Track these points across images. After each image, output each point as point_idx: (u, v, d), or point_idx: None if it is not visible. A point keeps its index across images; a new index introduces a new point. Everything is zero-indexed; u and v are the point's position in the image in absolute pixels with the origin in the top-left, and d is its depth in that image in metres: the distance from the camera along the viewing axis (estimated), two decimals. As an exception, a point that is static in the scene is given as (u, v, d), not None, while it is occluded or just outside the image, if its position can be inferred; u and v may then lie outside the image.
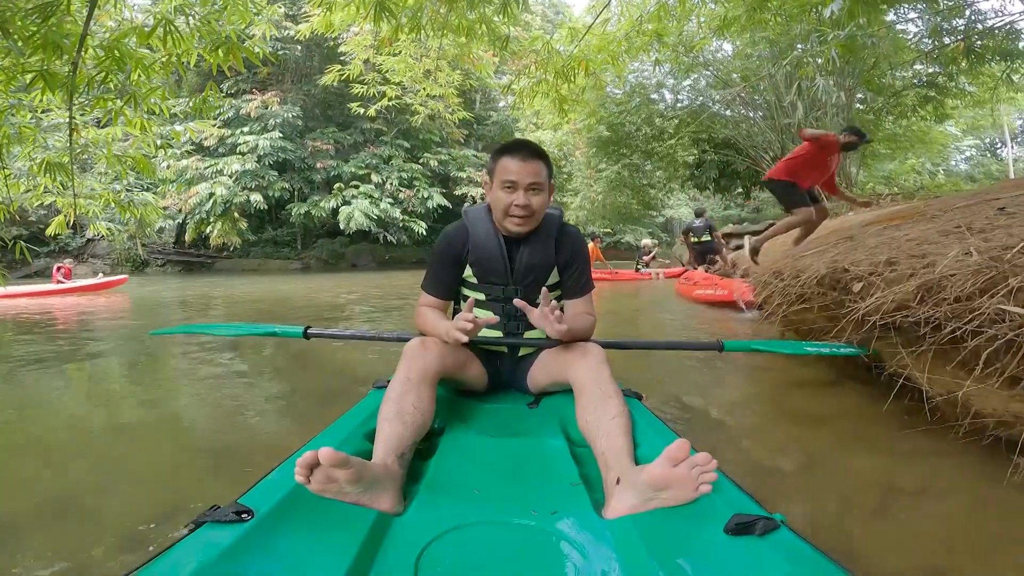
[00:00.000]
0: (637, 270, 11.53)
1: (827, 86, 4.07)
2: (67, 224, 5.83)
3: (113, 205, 5.55)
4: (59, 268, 9.85)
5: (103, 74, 3.89)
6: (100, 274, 11.42)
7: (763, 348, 1.94)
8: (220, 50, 3.67)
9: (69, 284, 9.40)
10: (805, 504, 1.28)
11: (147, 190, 18.79)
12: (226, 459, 1.63)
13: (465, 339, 1.22)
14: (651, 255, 11.96)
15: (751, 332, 3.68)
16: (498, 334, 1.48)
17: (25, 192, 5.42)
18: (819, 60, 4.47)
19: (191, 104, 4.13)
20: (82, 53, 3.76)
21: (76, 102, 4.44)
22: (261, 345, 3.53)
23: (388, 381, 1.21)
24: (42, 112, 5.02)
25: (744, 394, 2.35)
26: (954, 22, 8.29)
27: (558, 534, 0.83)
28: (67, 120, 4.68)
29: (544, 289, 1.25)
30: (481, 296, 1.48)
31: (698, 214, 8.55)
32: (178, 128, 4.85)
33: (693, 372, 2.61)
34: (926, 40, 8.60)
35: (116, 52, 3.82)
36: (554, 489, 0.97)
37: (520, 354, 1.53)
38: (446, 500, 0.94)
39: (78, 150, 4.89)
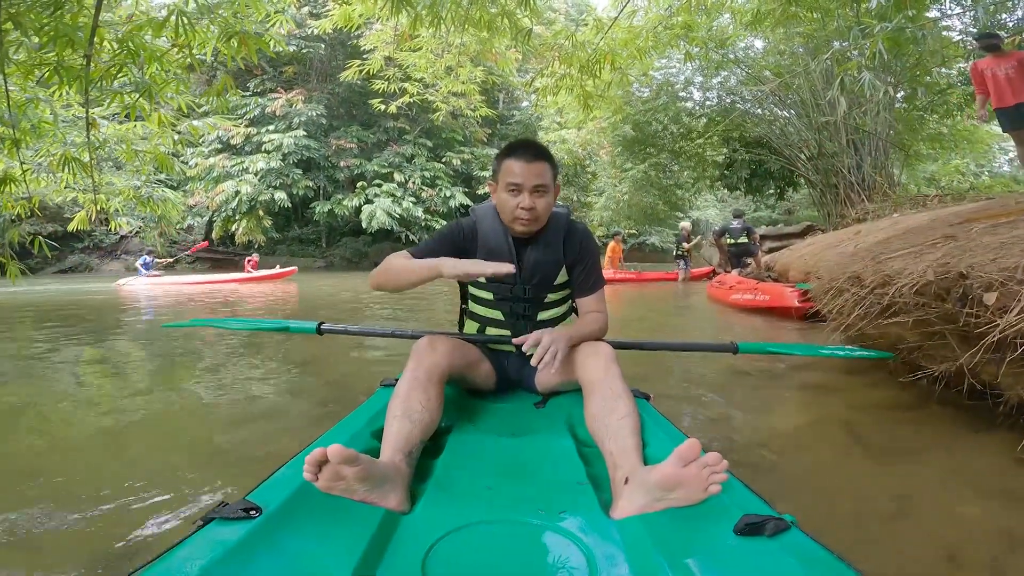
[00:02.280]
0: (678, 255, 10.85)
1: (874, 80, 3.77)
2: (89, 220, 5.85)
3: (134, 201, 5.55)
4: (249, 260, 12.45)
5: (117, 67, 3.82)
6: (277, 265, 13.36)
7: (779, 350, 1.84)
8: (233, 40, 3.56)
9: (255, 273, 11.75)
10: (903, 560, 1.04)
11: (175, 188, 19.16)
12: (236, 456, 1.62)
13: (488, 271, 1.19)
14: (692, 243, 11.13)
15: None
16: (506, 333, 1.48)
17: (44, 187, 5.44)
18: (859, 55, 4.19)
19: (205, 98, 4.03)
20: (94, 46, 3.70)
21: (92, 96, 4.39)
22: (275, 341, 3.52)
23: (396, 379, 1.21)
24: (62, 107, 5.00)
25: (806, 421, 2.00)
26: (1003, 18, 7.83)
27: (566, 533, 0.82)
28: (84, 115, 4.64)
29: (533, 336, 1.24)
30: (489, 296, 1.49)
31: (736, 215, 8.24)
32: (196, 124, 4.77)
33: (737, 393, 2.29)
34: (974, 36, 8.13)
35: (130, 44, 3.75)
36: (561, 488, 0.97)
37: (528, 353, 1.45)
38: (453, 499, 0.93)
39: (97, 145, 4.85)
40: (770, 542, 0.73)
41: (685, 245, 10.82)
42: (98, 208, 5.34)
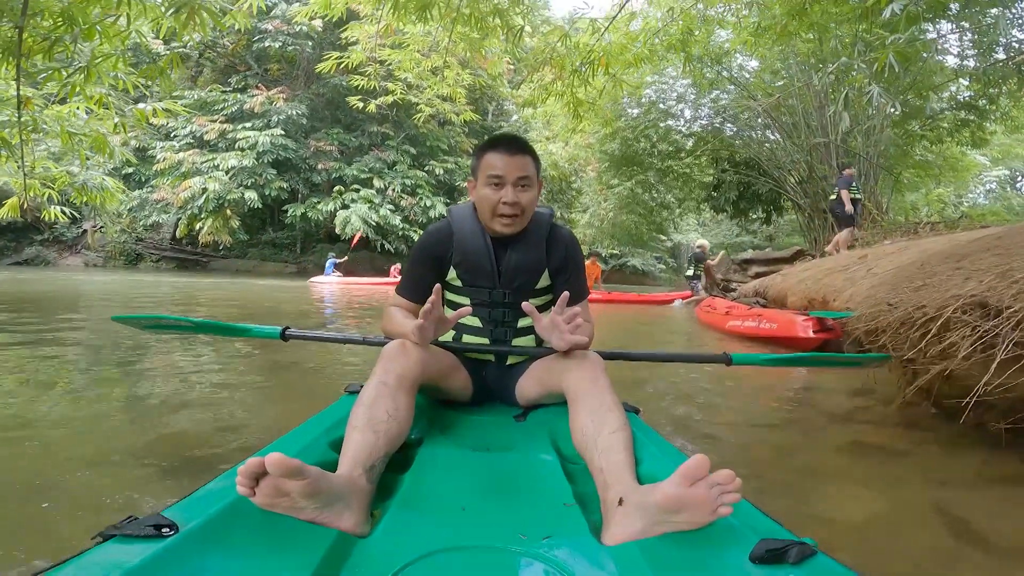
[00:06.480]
0: (693, 279, 9.37)
1: (882, 93, 3.52)
2: (20, 208, 5.30)
3: (68, 187, 5.03)
4: (394, 268, 14.43)
5: (52, 40, 3.38)
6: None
7: (772, 361, 1.70)
8: (182, 12, 3.12)
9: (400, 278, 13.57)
10: None
11: (144, 182, 18.32)
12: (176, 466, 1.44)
13: (428, 337, 1.14)
14: (715, 260, 9.77)
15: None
16: (484, 341, 1.41)
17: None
18: (865, 68, 3.96)
19: (145, 77, 3.57)
20: (26, 18, 3.29)
21: (29, 73, 3.95)
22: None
23: (362, 386, 1.11)
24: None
25: (878, 499, 1.40)
26: (1001, 39, 7.83)
27: (552, 561, 0.72)
28: (16, 92, 4.15)
29: (565, 294, 1.16)
30: (466, 301, 1.39)
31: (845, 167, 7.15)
32: (142, 107, 4.27)
33: (775, 464, 1.71)
34: (969, 60, 8.12)
35: (71, 14, 3.33)
36: (546, 510, 0.87)
37: (508, 363, 1.44)
38: (421, 520, 0.82)
39: (29, 126, 4.33)
40: (795, 570, 0.65)
41: (710, 262, 9.56)
42: (30, 195, 4.79)
